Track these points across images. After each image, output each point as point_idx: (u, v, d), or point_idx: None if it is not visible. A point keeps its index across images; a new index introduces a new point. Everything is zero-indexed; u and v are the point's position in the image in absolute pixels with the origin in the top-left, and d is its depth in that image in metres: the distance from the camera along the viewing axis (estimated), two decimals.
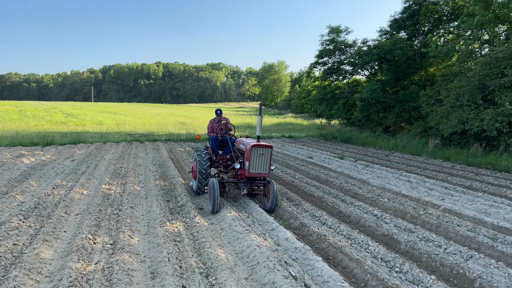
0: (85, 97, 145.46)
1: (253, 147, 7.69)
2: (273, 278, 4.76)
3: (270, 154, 7.88)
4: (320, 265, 5.20)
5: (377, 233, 6.91)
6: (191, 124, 33.93)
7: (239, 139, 9.02)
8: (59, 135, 22.33)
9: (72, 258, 5.23)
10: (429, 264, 5.62)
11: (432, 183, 11.14)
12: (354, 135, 25.41)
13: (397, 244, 6.37)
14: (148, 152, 16.97)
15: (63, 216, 7.33)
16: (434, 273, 5.33)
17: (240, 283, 4.84)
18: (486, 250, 6.05)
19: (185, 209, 8.00)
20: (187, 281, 4.80)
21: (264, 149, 7.79)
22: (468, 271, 5.14)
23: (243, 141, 8.52)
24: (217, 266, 5.13)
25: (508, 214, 8.03)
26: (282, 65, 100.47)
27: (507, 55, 15.58)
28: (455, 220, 7.40)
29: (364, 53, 25.50)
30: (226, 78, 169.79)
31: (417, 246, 6.07)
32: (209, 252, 5.63)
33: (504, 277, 5.03)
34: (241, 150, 8.51)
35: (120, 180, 10.71)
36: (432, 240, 6.37)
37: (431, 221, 7.33)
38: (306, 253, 5.62)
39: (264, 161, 7.85)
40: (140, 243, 6.22)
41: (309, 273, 5.14)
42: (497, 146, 16.16)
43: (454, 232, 6.76)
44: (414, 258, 5.89)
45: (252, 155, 7.72)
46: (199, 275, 5.04)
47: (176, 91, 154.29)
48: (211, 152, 9.45)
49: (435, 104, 19.91)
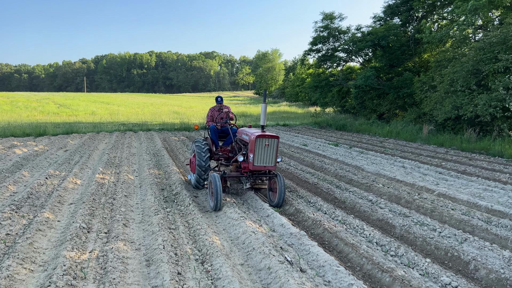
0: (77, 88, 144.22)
1: (257, 138, 7.03)
2: (269, 263, 4.76)
3: (276, 145, 7.20)
4: (316, 250, 5.19)
5: (372, 218, 6.92)
6: (185, 114, 33.75)
7: (242, 129, 8.29)
8: (51, 125, 22.11)
9: (66, 247, 5.18)
10: (424, 248, 5.65)
11: (427, 169, 11.18)
12: (348, 123, 25.39)
13: (392, 228, 6.39)
14: (142, 141, 16.86)
15: (57, 205, 7.26)
16: (429, 256, 5.35)
17: (236, 269, 4.83)
18: (481, 233, 6.08)
19: (179, 197, 7.96)
20: (183, 268, 4.78)
21: (270, 140, 7.13)
22: (462, 253, 5.16)
23: (246, 131, 7.85)
24: (213, 253, 5.11)
25: (502, 197, 8.08)
26: (276, 53, 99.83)
27: (501, 40, 15.54)
28: (450, 204, 7.43)
29: (358, 40, 25.38)
30: (220, 67, 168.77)
31: (412, 230, 6.08)
32: (204, 239, 5.61)
33: (499, 259, 5.06)
34: (244, 141, 7.87)
35: (114, 170, 10.63)
36: (427, 224, 6.40)
37: (425, 206, 7.35)
38: (302, 239, 5.62)
39: (270, 153, 7.19)
40: (135, 231, 6.18)
41: (304, 258, 5.14)
42: (490, 131, 16.23)
43: (449, 216, 6.78)
44: (409, 242, 5.91)
45: (256, 146, 7.06)
46: (194, 261, 5.02)
47: (169, 80, 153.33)
48: (211, 143, 8.72)
49: (429, 90, 19.91)
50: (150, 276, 4.68)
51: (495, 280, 4.57)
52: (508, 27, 15.49)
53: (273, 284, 4.39)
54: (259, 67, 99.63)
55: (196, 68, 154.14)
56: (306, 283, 4.24)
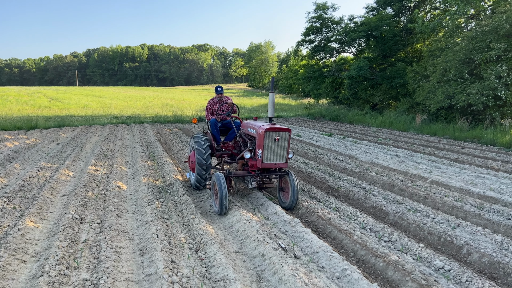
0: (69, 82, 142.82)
1: (267, 131, 6.22)
2: (263, 250, 4.75)
3: (288, 140, 6.38)
4: (310, 236, 5.20)
5: (366, 206, 6.94)
6: (178, 106, 33.56)
7: (247, 122, 7.46)
8: (43, 119, 21.89)
9: (59, 237, 5.13)
10: (417, 234, 5.68)
11: (420, 157, 11.23)
12: (342, 113, 25.42)
13: (386, 215, 6.41)
14: (135, 134, 16.75)
15: (49, 197, 7.20)
16: (422, 242, 5.38)
17: (230, 257, 4.83)
18: (473, 218, 6.12)
19: (173, 187, 7.93)
20: (176, 256, 4.76)
21: (281, 134, 6.31)
22: (455, 238, 5.19)
23: (253, 124, 7.02)
24: (207, 241, 5.10)
25: (494, 184, 8.14)
26: (269, 45, 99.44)
27: (493, 29, 15.57)
28: (443, 191, 7.47)
29: (351, 30, 25.32)
30: (213, 59, 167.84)
31: (405, 217, 6.11)
32: (198, 228, 5.59)
33: (491, 243, 5.10)
34: (250, 135, 7.07)
35: (106, 162, 10.55)
36: (420, 210, 6.43)
37: (419, 193, 7.39)
38: (295, 226, 5.62)
39: (281, 148, 6.36)
40: (128, 222, 6.15)
41: (298, 245, 5.15)
42: (482, 120, 16.33)
43: (442, 202, 6.82)
44: (402, 228, 5.94)
45: (266, 141, 6.25)
46: (188, 250, 5.00)
47: (162, 73, 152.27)
48: (211, 138, 7.90)
49: (422, 80, 19.96)
50: (143, 265, 4.65)
51: (488, 264, 4.61)
52: (500, 15, 15.52)
53: (267, 270, 4.39)
54: (252, 59, 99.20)
55: (188, 61, 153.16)
56: (300, 269, 4.24)
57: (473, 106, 15.73)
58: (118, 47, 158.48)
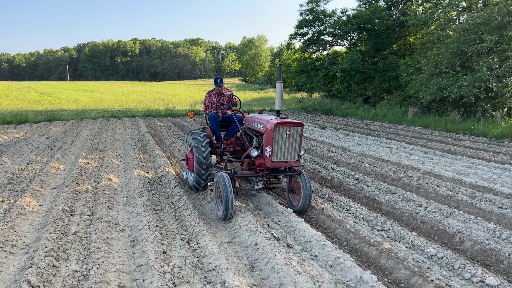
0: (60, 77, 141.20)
1: (276, 126, 5.54)
2: (256, 240, 4.72)
3: (300, 135, 5.72)
4: (302, 226, 5.17)
5: (359, 196, 6.93)
6: (170, 101, 33.34)
7: (252, 116, 6.77)
8: (33, 113, 21.61)
9: (48, 229, 5.05)
10: (410, 223, 5.68)
11: (412, 149, 11.25)
12: (335, 107, 25.42)
13: (379, 205, 6.41)
14: (127, 127, 16.61)
15: (39, 190, 7.09)
16: (415, 230, 5.38)
17: (223, 247, 4.78)
18: (465, 207, 6.13)
19: (165, 179, 7.85)
20: (168, 247, 4.71)
21: (292, 128, 5.64)
22: (448, 227, 5.20)
23: (258, 118, 6.37)
24: (199, 232, 5.05)
25: (486, 174, 8.18)
26: (262, 39, 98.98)
27: (485, 21, 15.61)
28: (435, 181, 7.49)
29: (344, 23, 25.29)
30: (205, 54, 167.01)
31: (398, 206, 6.11)
32: (190, 219, 5.54)
33: (483, 231, 5.11)
34: (256, 130, 6.42)
35: (97, 155, 10.44)
36: (413, 200, 6.43)
37: (411, 183, 7.39)
38: (288, 216, 5.59)
39: (293, 145, 5.70)
40: (119, 213, 6.08)
41: (291, 234, 5.12)
42: (474, 112, 16.41)
43: (434, 192, 6.83)
44: (395, 217, 5.94)
45: (276, 137, 5.58)
46: (180, 241, 4.95)
47: (154, 68, 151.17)
48: (211, 134, 7.22)
49: (414, 72, 20.00)
50: (135, 256, 4.59)
51: (480, 251, 4.62)
52: (491, 8, 15.55)
53: (260, 259, 4.35)
54: (245, 54, 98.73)
55: (181, 55, 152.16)
56: (293, 258, 4.21)
57: (465, 98, 15.80)
58: (110, 41, 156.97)
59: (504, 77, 14.61)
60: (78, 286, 3.84)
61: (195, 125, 16.83)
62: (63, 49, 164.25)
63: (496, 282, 3.81)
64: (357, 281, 3.81)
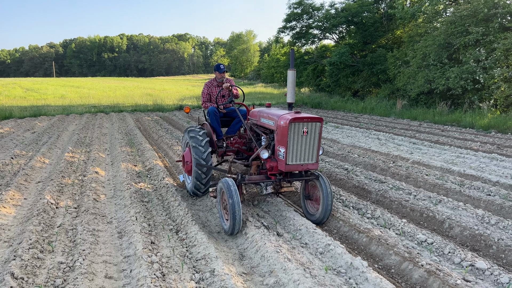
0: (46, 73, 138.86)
1: (292, 123, 4.64)
2: (245, 229, 4.67)
3: (319, 132, 4.81)
4: (292, 215, 5.14)
5: (348, 185, 6.92)
6: (158, 96, 32.99)
7: (259, 111, 5.80)
8: (18, 109, 21.18)
9: (33, 222, 4.93)
10: (399, 210, 5.68)
11: (401, 140, 11.29)
12: (323, 101, 25.42)
13: (368, 194, 6.40)
14: (114, 122, 16.39)
15: (23, 184, 6.94)
16: (405, 218, 5.38)
17: (212, 237, 4.73)
18: (454, 195, 6.16)
19: (153, 172, 7.75)
20: (156, 238, 4.63)
21: (310, 125, 4.74)
22: (437, 213, 5.21)
23: (268, 113, 5.40)
24: (187, 222, 4.98)
25: (474, 163, 8.24)
26: (250, 34, 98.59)
27: (471, 13, 15.72)
28: (424, 170, 7.51)
29: (332, 16, 25.28)
30: (194, 49, 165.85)
31: (387, 195, 6.11)
32: (179, 210, 5.46)
33: (472, 217, 5.13)
34: (265, 127, 5.50)
35: (84, 149, 10.26)
36: (402, 188, 6.43)
37: (400, 172, 7.41)
38: (278, 205, 5.55)
39: (311, 145, 4.80)
40: (107, 206, 5.97)
41: (281, 223, 5.08)
42: (461, 104, 16.55)
43: (423, 180, 6.85)
44: (385, 205, 5.93)
45: (291, 135, 4.68)
46: (168, 231, 4.88)
47: (142, 64, 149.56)
48: (211, 132, 6.38)
49: (402, 65, 20.08)
50: (122, 247, 4.51)
51: (469, 237, 4.63)
52: (478, 0, 15.66)
53: (250, 248, 4.30)
54: (233, 49, 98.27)
55: (169, 50, 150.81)
56: (283, 245, 4.17)
57: (452, 90, 15.92)
58: (96, 37, 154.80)
59: (491, 68, 14.75)
60: (64, 278, 3.75)
61: (184, 119, 16.68)
62: (48, 45, 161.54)
63: (486, 266, 3.81)
64: (348, 267, 3.79)
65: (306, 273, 3.57)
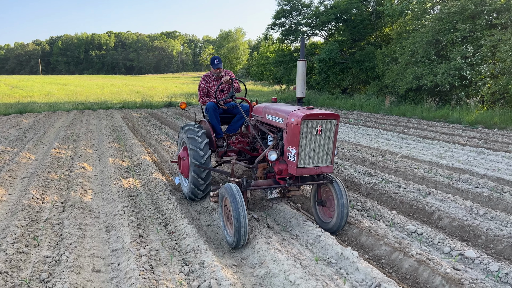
0: (32, 71, 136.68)
1: (304, 120, 4.04)
2: None
3: (335, 131, 4.23)
4: (282, 207, 5.11)
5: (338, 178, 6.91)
6: (147, 93, 32.70)
7: (265, 106, 5.10)
8: (3, 106, 20.81)
9: (18, 216, 4.82)
10: (389, 203, 5.69)
11: (390, 135, 11.35)
12: (313, 98, 25.47)
13: (358, 186, 6.40)
14: (101, 118, 16.19)
15: (8, 179, 6.79)
16: (395, 209, 5.38)
17: (202, 230, 4.67)
18: (443, 187, 6.20)
19: (141, 167, 7.66)
20: (145, 231, 4.57)
21: (325, 122, 4.15)
22: (426, 205, 5.23)
23: (275, 109, 4.75)
24: (176, 215, 4.92)
25: (462, 157, 8.31)
26: (239, 32, 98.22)
27: (459, 10, 15.88)
28: (413, 164, 7.55)
29: (321, 13, 25.34)
30: (182, 47, 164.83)
31: (377, 187, 6.12)
32: (168, 204, 5.40)
33: (461, 208, 5.16)
34: (272, 125, 4.87)
35: (71, 145, 10.11)
36: (392, 181, 6.45)
37: (390, 166, 7.43)
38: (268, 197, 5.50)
39: (325, 145, 4.22)
40: (94, 200, 5.87)
41: (271, 216, 5.05)
42: (449, 100, 16.72)
43: (412, 174, 6.88)
44: (375, 198, 5.94)
45: (303, 134, 4.09)
46: (157, 225, 4.81)
47: (130, 61, 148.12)
48: (210, 130, 5.82)
49: (390, 62, 20.21)
50: (110, 241, 4.43)
51: (458, 227, 4.65)
52: None
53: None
54: (222, 47, 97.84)
55: (157, 48, 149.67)
56: (273, 237, 4.14)
57: (440, 86, 16.07)
58: (84, 34, 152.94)
59: (478, 65, 14.92)
60: (49, 271, 3.66)
61: (173, 116, 16.55)
62: (34, 42, 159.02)
63: (475, 255, 3.83)
64: (338, 258, 3.77)
65: (296, 263, 3.54)
